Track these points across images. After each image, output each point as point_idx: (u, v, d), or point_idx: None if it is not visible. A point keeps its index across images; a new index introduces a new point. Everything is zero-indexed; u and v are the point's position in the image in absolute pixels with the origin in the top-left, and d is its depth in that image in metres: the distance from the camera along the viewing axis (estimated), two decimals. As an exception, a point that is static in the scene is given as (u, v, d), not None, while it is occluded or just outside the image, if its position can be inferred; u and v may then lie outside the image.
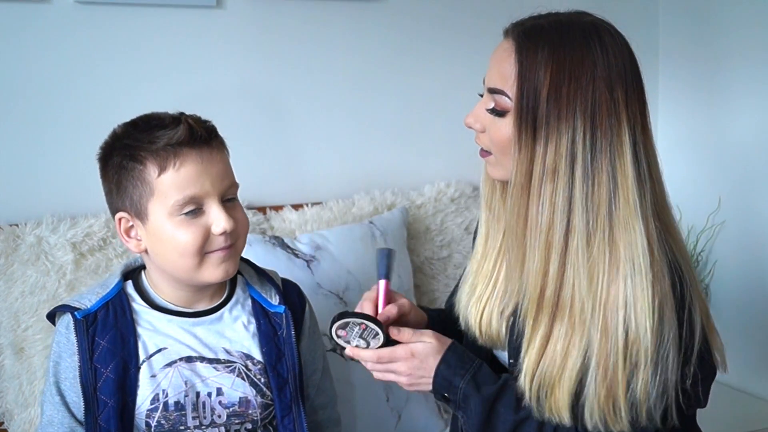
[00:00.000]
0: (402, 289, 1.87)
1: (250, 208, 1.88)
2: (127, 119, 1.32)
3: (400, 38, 2.07)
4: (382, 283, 1.30)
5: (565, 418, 1.16)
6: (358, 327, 1.23)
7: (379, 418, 1.76)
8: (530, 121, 1.14)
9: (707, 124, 2.24)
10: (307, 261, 1.79)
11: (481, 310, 1.29)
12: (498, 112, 1.19)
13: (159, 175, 1.25)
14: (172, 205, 1.25)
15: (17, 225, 1.67)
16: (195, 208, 1.26)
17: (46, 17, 1.75)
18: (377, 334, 1.23)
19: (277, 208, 1.93)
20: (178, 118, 1.28)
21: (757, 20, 2.10)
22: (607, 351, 1.12)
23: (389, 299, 1.30)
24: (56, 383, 1.31)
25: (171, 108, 1.33)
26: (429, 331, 1.25)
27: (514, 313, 1.24)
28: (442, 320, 1.42)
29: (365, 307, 1.29)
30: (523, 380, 1.18)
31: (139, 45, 1.83)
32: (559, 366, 1.15)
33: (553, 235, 1.14)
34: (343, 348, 1.26)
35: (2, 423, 1.64)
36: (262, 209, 1.91)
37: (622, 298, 1.12)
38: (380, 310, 1.28)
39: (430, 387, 1.24)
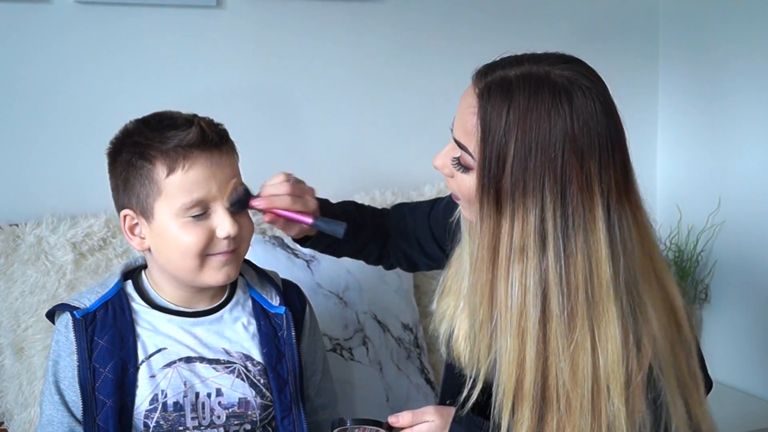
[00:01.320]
0: (402, 289, 1.87)
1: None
2: (127, 119, 1.33)
3: (400, 38, 2.07)
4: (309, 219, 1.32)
5: None
6: (358, 429, 1.21)
7: (379, 418, 1.76)
8: (493, 191, 1.05)
9: (707, 123, 2.24)
10: (307, 261, 1.79)
11: (470, 347, 1.19)
12: (462, 167, 1.11)
13: (167, 175, 1.25)
14: (178, 207, 1.25)
15: (17, 225, 1.67)
16: (201, 212, 1.26)
17: (46, 17, 1.75)
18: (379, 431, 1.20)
19: (277, 208, 1.92)
20: (191, 120, 1.28)
21: (757, 20, 2.10)
22: None
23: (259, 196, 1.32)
24: (55, 382, 1.31)
25: (171, 108, 1.33)
26: (429, 408, 1.19)
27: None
28: (346, 213, 1.43)
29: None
30: None
31: (139, 45, 1.83)
32: None
33: (527, 320, 1.05)
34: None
35: (2, 423, 1.64)
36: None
37: (610, 385, 1.05)
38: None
39: None
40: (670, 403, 1.09)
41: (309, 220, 1.33)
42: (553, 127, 1.03)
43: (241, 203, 1.29)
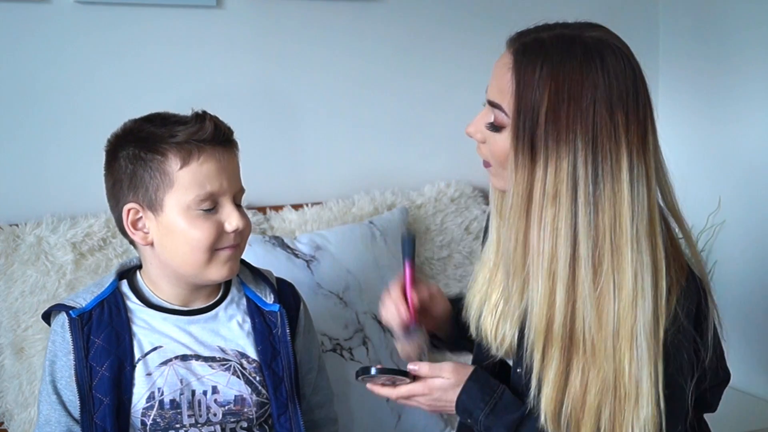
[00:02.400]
0: (402, 289, 1.87)
1: (250, 208, 1.87)
2: (127, 119, 1.33)
3: (401, 38, 2.07)
4: (407, 263, 1.30)
5: None
6: (384, 378, 1.23)
7: (379, 418, 1.76)
8: (527, 141, 1.10)
9: (707, 123, 2.24)
10: (307, 261, 1.79)
11: (496, 321, 1.26)
12: (495, 127, 1.16)
13: (181, 167, 1.26)
14: (191, 199, 1.26)
15: (17, 225, 1.67)
16: (211, 207, 1.28)
17: (46, 17, 1.75)
18: (404, 381, 1.22)
19: (277, 208, 1.93)
20: (203, 116, 1.29)
21: (758, 19, 2.10)
22: (619, 388, 1.10)
23: (416, 283, 1.31)
24: (52, 382, 1.31)
25: (171, 108, 1.33)
26: (448, 365, 1.22)
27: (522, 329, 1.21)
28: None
29: (393, 290, 1.30)
30: (544, 421, 1.14)
31: (139, 45, 1.83)
32: (580, 404, 1.12)
33: (557, 263, 1.10)
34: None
35: (2, 423, 1.64)
36: (262, 209, 1.91)
37: (630, 331, 1.09)
38: (409, 291, 1.29)
39: (453, 412, 1.23)
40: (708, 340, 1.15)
41: (407, 266, 1.32)
42: (585, 79, 1.08)
43: (414, 329, 1.30)
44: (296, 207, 1.93)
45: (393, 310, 1.29)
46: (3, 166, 1.75)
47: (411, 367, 1.23)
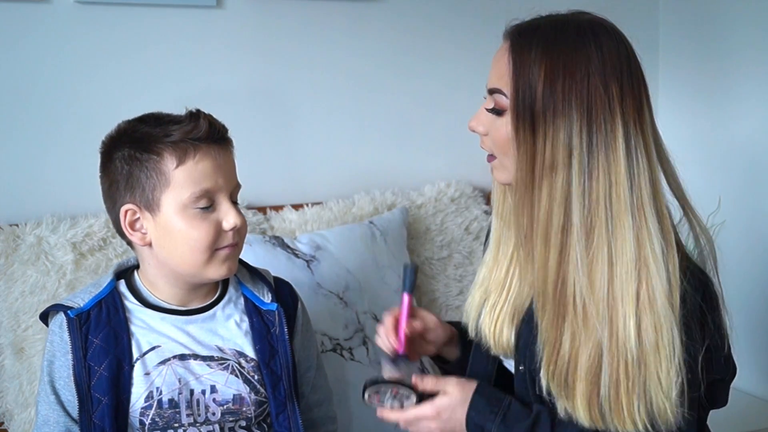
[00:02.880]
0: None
1: (250, 208, 1.88)
2: (128, 119, 1.33)
3: (400, 38, 2.07)
4: (405, 297, 1.30)
5: (583, 419, 1.15)
6: (390, 391, 1.23)
7: (378, 418, 1.76)
8: (527, 117, 1.14)
9: (707, 123, 2.24)
10: (307, 261, 1.79)
11: (495, 319, 1.28)
12: (497, 111, 1.19)
13: (177, 166, 1.26)
14: (187, 197, 1.26)
15: (17, 225, 1.67)
16: (208, 205, 1.28)
17: (46, 17, 1.75)
18: (410, 395, 1.23)
19: (277, 208, 1.93)
20: (197, 115, 1.30)
21: (758, 19, 2.10)
22: (616, 352, 1.12)
23: (412, 314, 1.31)
24: (51, 382, 1.31)
25: (171, 108, 1.34)
26: (452, 379, 1.24)
27: (523, 320, 1.24)
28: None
29: (386, 320, 1.30)
30: (542, 377, 1.18)
31: (139, 45, 1.83)
32: (572, 366, 1.15)
33: (551, 229, 1.14)
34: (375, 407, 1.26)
35: (2, 423, 1.64)
36: (262, 209, 1.91)
37: (624, 296, 1.12)
38: (402, 323, 1.29)
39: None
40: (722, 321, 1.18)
41: (405, 298, 1.31)
42: (579, 53, 1.13)
43: (403, 359, 1.29)
44: (296, 207, 1.93)
45: (386, 341, 1.30)
46: (3, 166, 1.75)
47: (416, 380, 1.23)
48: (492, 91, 1.20)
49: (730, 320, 2.10)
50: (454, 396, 1.22)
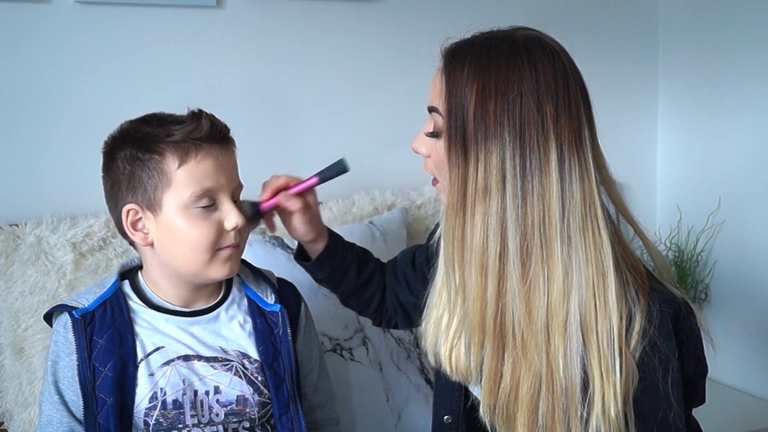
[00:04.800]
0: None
1: (250, 207, 1.88)
2: (127, 119, 1.33)
3: (400, 38, 2.07)
4: (314, 179, 1.38)
5: None
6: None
7: (379, 419, 1.76)
8: (459, 139, 1.11)
9: (707, 124, 2.24)
10: (307, 261, 1.78)
11: (449, 344, 1.23)
12: (435, 134, 1.16)
13: (179, 166, 1.26)
14: (188, 196, 1.26)
15: (17, 225, 1.67)
16: (209, 204, 1.28)
17: (46, 17, 1.75)
18: None
19: (277, 208, 1.92)
20: (199, 114, 1.30)
21: (758, 19, 2.10)
22: (551, 382, 1.10)
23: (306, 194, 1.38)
24: (55, 383, 1.31)
25: (172, 108, 1.33)
26: None
27: (483, 347, 1.19)
28: (354, 253, 1.48)
29: (279, 178, 1.38)
30: (483, 412, 1.15)
31: (139, 45, 1.83)
32: (513, 397, 1.12)
33: (488, 257, 1.10)
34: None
35: (2, 423, 1.64)
36: (262, 209, 1.91)
37: (563, 325, 1.08)
38: (293, 190, 1.37)
39: None
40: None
41: (313, 179, 1.36)
42: (511, 73, 1.09)
43: (256, 212, 1.36)
44: (296, 207, 1.93)
45: (262, 190, 1.35)
46: (3, 166, 1.75)
47: None
48: (430, 110, 1.18)
49: (728, 320, 2.10)
50: None
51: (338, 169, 1.37)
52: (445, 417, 1.35)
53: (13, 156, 1.75)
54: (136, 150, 1.28)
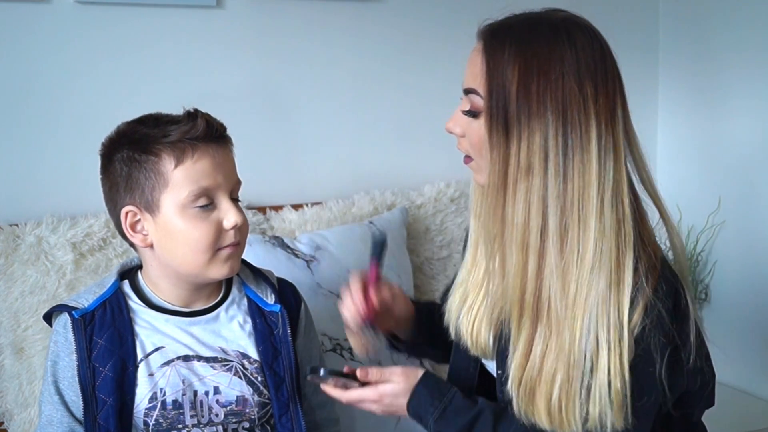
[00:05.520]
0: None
1: (250, 208, 1.87)
2: (127, 119, 1.33)
3: (400, 38, 2.07)
4: (373, 265, 1.30)
5: (545, 423, 1.14)
6: (332, 380, 1.22)
7: (379, 419, 1.75)
8: (501, 119, 1.12)
9: (707, 124, 2.24)
10: (306, 261, 1.79)
11: (472, 320, 1.27)
12: (473, 113, 1.17)
13: (176, 167, 1.26)
14: (186, 196, 1.26)
15: (17, 225, 1.67)
16: (207, 203, 1.28)
17: (46, 17, 1.75)
18: (352, 384, 1.22)
19: (277, 208, 1.93)
20: (194, 114, 1.30)
21: (758, 20, 2.10)
22: (571, 356, 1.11)
23: (380, 281, 1.30)
24: (54, 383, 1.31)
25: (172, 108, 1.34)
26: (397, 369, 1.23)
27: (501, 322, 1.22)
28: (430, 312, 1.41)
29: (353, 287, 1.28)
30: (510, 386, 1.17)
31: (139, 45, 1.83)
32: (538, 370, 1.14)
33: (529, 235, 1.12)
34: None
35: (2, 423, 1.64)
36: (262, 209, 1.91)
37: (584, 299, 1.11)
38: (371, 290, 1.29)
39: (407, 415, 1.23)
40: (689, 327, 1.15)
41: (372, 265, 1.31)
42: (553, 53, 1.11)
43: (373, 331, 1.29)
44: (296, 207, 1.93)
45: (350, 306, 1.29)
46: (3, 166, 1.74)
47: (360, 373, 1.22)
48: (467, 92, 1.19)
49: (728, 320, 2.10)
50: (397, 385, 1.21)
51: (379, 242, 1.32)
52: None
53: (13, 156, 1.75)
54: (132, 151, 1.28)
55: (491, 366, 1.32)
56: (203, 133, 1.28)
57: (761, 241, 2.11)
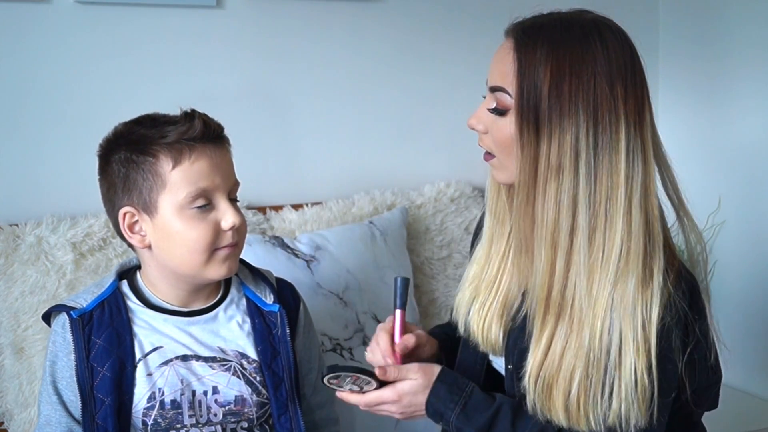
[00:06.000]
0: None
1: (250, 208, 1.88)
2: (127, 119, 1.33)
3: (400, 38, 2.07)
4: (398, 313, 1.29)
5: (561, 419, 1.15)
6: (350, 378, 1.22)
7: (379, 418, 1.75)
8: (532, 118, 1.12)
9: (707, 123, 2.24)
10: (306, 261, 1.79)
11: (483, 316, 1.28)
12: (499, 111, 1.17)
13: (173, 168, 1.26)
14: (184, 197, 1.26)
15: (17, 225, 1.67)
16: (205, 203, 1.28)
17: (46, 17, 1.75)
18: (369, 382, 1.22)
19: (277, 208, 1.93)
20: (191, 115, 1.29)
21: (758, 20, 2.10)
22: (591, 353, 1.12)
23: (405, 329, 1.30)
24: (53, 383, 1.31)
25: (171, 108, 1.34)
26: (414, 366, 1.23)
27: (513, 318, 1.23)
28: (451, 338, 1.41)
29: (381, 338, 1.29)
30: (528, 380, 1.17)
31: (139, 45, 1.83)
32: (556, 367, 1.15)
33: (559, 233, 1.13)
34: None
35: (2, 423, 1.64)
36: (262, 209, 1.91)
37: (609, 299, 1.11)
38: (397, 339, 1.28)
39: (425, 416, 1.23)
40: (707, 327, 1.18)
41: (399, 314, 1.30)
42: (585, 53, 1.12)
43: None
44: (296, 207, 1.93)
45: (380, 358, 1.28)
46: (3, 166, 1.75)
47: (378, 371, 1.22)
48: (494, 89, 1.18)
49: (728, 320, 2.11)
50: (416, 381, 1.21)
51: (402, 285, 1.30)
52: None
53: (13, 156, 1.75)
54: (130, 152, 1.28)
55: (498, 362, 1.32)
56: (200, 133, 1.27)
57: (761, 241, 2.11)
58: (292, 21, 1.96)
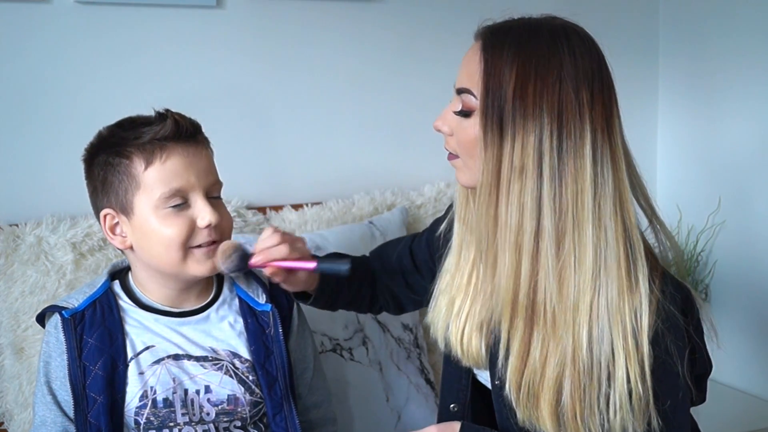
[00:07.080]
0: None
1: (250, 208, 1.88)
2: (127, 118, 1.34)
3: (400, 38, 2.07)
4: (313, 264, 1.31)
5: (549, 430, 1.14)
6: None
7: (379, 418, 1.76)
8: (496, 119, 1.12)
9: (707, 124, 2.24)
10: (306, 261, 1.78)
11: (461, 327, 1.25)
12: (465, 113, 1.17)
13: (146, 168, 1.27)
14: (158, 198, 1.27)
15: (17, 225, 1.67)
16: (181, 202, 1.28)
17: (46, 17, 1.75)
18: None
19: (277, 208, 1.93)
20: (164, 114, 1.30)
21: (758, 20, 2.10)
22: (579, 363, 1.11)
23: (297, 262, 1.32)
24: (47, 383, 1.32)
25: (171, 108, 1.33)
26: (432, 427, 1.22)
27: (493, 329, 1.21)
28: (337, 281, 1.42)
29: (280, 248, 1.31)
30: (509, 390, 1.16)
31: (139, 45, 1.83)
32: (539, 375, 1.13)
33: (523, 236, 1.12)
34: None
35: (2, 423, 1.64)
36: (262, 209, 1.91)
37: (589, 305, 1.11)
38: (287, 264, 1.31)
39: None
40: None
41: (311, 265, 1.32)
42: (552, 57, 1.11)
43: (239, 266, 1.31)
44: (296, 207, 1.93)
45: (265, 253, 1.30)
46: (3, 166, 1.75)
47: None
48: (460, 91, 1.18)
49: (728, 320, 2.10)
50: None
51: (338, 269, 1.32)
52: (452, 405, 1.35)
53: (13, 156, 1.75)
54: (107, 155, 1.30)
55: (483, 376, 1.31)
56: (172, 133, 1.28)
57: (761, 241, 2.11)
58: (293, 21, 1.96)
